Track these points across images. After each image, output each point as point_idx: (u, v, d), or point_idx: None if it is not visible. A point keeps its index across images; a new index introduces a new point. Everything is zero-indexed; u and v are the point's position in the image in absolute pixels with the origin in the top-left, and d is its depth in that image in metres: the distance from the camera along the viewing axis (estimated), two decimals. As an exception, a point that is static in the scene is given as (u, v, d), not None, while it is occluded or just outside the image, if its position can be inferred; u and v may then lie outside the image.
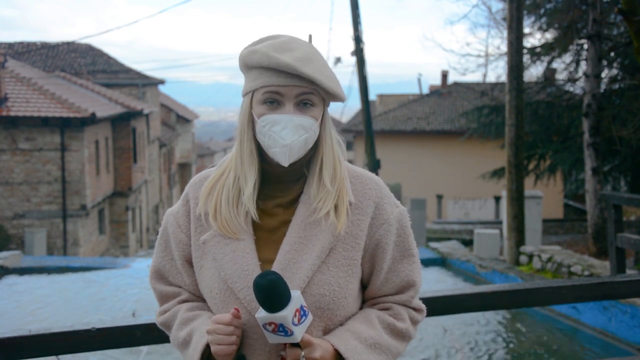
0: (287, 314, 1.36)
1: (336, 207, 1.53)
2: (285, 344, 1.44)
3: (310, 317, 1.43)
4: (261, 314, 1.39)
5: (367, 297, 1.63)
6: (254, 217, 1.54)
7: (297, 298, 1.39)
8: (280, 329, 1.38)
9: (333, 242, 1.51)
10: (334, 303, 1.50)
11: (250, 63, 1.53)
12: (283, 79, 1.49)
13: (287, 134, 1.48)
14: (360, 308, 1.63)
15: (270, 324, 1.38)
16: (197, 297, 1.64)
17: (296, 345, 1.42)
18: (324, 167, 1.55)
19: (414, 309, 1.64)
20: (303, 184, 1.58)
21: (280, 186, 1.58)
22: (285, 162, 1.50)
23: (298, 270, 1.49)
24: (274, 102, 1.51)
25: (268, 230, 1.55)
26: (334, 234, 1.51)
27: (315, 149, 1.57)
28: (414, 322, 1.63)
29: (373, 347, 1.52)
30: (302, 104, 1.51)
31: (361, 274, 1.58)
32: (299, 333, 1.39)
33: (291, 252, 1.50)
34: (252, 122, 1.54)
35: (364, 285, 1.63)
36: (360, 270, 1.57)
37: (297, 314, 1.38)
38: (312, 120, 1.51)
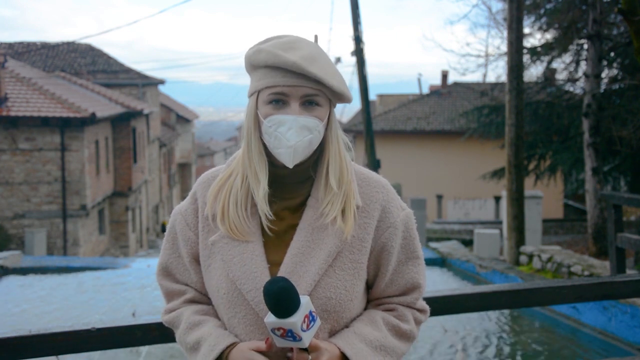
0: (296, 321, 1.36)
1: (343, 212, 1.53)
2: (291, 348, 1.45)
3: (318, 322, 1.43)
4: (270, 319, 1.38)
5: (372, 297, 1.64)
6: (268, 216, 1.53)
7: (306, 304, 1.39)
8: (289, 334, 1.38)
9: (340, 247, 1.51)
10: (340, 306, 1.51)
11: (256, 62, 1.52)
12: (289, 79, 1.48)
13: (292, 135, 1.47)
14: (365, 308, 1.64)
15: (279, 329, 1.38)
16: (203, 296, 1.64)
17: (304, 350, 1.42)
18: (330, 169, 1.54)
19: (418, 310, 1.66)
20: (310, 186, 1.58)
21: (287, 188, 1.57)
22: (289, 164, 1.49)
23: (305, 273, 1.49)
24: (279, 102, 1.50)
25: (276, 234, 1.55)
26: (341, 238, 1.51)
27: (321, 151, 1.56)
28: (417, 323, 1.65)
29: (379, 349, 1.53)
30: (308, 104, 1.50)
31: (366, 276, 1.59)
32: (307, 339, 1.39)
33: (298, 256, 1.50)
34: (258, 123, 1.53)
35: (368, 286, 1.64)
36: (365, 272, 1.57)
37: (306, 319, 1.38)
38: (317, 121, 1.50)
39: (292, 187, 1.57)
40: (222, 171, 1.63)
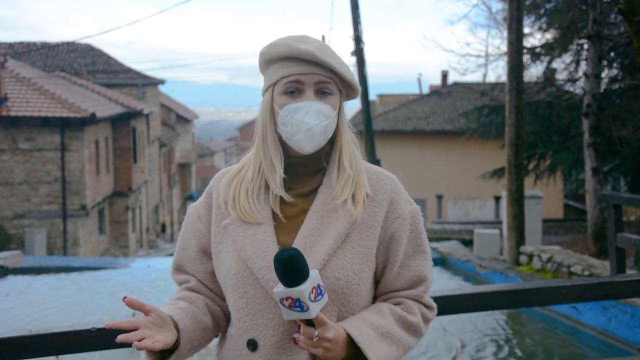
0: (304, 289, 1.39)
1: (354, 196, 1.59)
2: (299, 326, 1.48)
3: (326, 297, 1.46)
4: (279, 288, 1.42)
5: (379, 292, 1.67)
6: (286, 199, 1.60)
7: (315, 276, 1.43)
8: (297, 304, 1.41)
9: (349, 229, 1.57)
10: (347, 288, 1.54)
11: (270, 56, 1.61)
12: (303, 67, 1.56)
13: (309, 119, 1.54)
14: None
15: (287, 298, 1.41)
16: (204, 286, 1.70)
17: (310, 324, 1.45)
18: (343, 155, 1.62)
19: (425, 305, 1.68)
20: (322, 176, 1.64)
21: (300, 178, 1.64)
22: (308, 147, 1.55)
23: (315, 253, 1.53)
24: (295, 92, 1.57)
25: (287, 218, 1.61)
26: (350, 220, 1.57)
27: (333, 141, 1.64)
28: (425, 320, 1.67)
29: (384, 335, 1.55)
30: (321, 93, 1.58)
31: (375, 267, 1.63)
32: (314, 309, 1.42)
33: (309, 237, 1.56)
34: (273, 115, 1.60)
35: (376, 282, 1.67)
36: (374, 262, 1.61)
37: (314, 291, 1.42)
38: (331, 108, 1.58)
39: (305, 178, 1.64)
40: (235, 167, 1.72)
